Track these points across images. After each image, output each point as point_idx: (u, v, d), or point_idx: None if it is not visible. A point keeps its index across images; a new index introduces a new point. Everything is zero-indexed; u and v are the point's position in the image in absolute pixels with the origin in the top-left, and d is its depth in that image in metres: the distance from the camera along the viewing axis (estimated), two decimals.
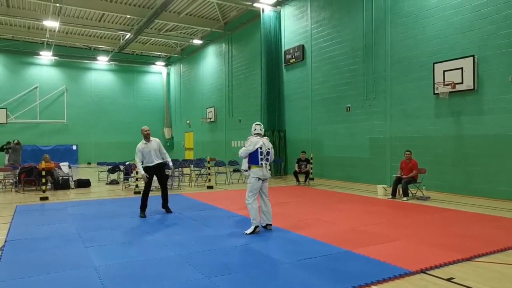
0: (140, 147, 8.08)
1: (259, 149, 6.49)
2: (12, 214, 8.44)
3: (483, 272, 4.49)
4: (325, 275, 4.39)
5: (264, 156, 6.53)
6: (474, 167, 10.27)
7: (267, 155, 6.59)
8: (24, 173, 12.85)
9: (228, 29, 22.09)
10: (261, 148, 6.51)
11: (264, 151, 6.54)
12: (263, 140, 6.61)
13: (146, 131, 8.23)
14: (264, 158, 6.52)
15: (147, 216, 8.06)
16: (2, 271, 4.64)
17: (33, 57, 26.33)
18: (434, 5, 11.13)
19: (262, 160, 6.50)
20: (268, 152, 6.63)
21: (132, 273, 4.55)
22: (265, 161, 6.54)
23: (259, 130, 6.75)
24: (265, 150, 6.56)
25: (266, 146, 6.61)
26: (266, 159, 6.55)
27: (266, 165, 6.54)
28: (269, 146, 6.68)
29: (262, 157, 6.49)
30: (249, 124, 20.85)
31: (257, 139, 6.59)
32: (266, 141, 6.68)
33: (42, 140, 26.66)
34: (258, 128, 6.77)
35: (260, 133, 6.74)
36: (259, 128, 6.77)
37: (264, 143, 6.60)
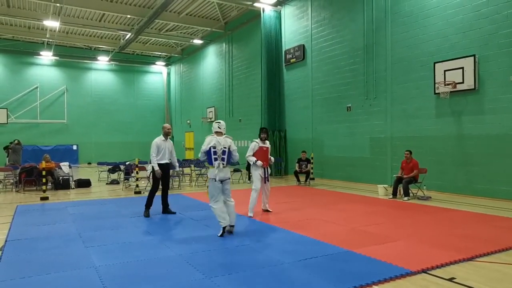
0: (158, 142, 7.99)
1: (212, 149, 6.18)
2: (13, 214, 8.43)
3: (484, 272, 4.48)
4: (326, 275, 4.37)
5: (219, 156, 6.19)
6: (475, 167, 10.25)
7: (222, 155, 6.22)
8: (25, 173, 12.85)
9: (228, 29, 22.09)
10: (214, 147, 6.19)
11: (218, 151, 6.20)
12: (218, 139, 6.26)
13: (168, 128, 8.21)
14: (219, 158, 6.19)
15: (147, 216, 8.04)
16: (3, 271, 4.63)
17: (33, 57, 26.34)
18: (435, 4, 11.11)
19: (217, 160, 6.18)
20: (224, 151, 6.23)
21: (132, 273, 4.54)
22: (221, 161, 6.20)
23: (217, 128, 6.40)
24: (220, 149, 6.21)
25: (222, 145, 6.23)
26: (221, 159, 6.21)
27: (222, 165, 6.20)
28: (226, 144, 6.26)
29: (216, 157, 6.17)
30: (250, 124, 20.84)
31: (212, 138, 6.29)
32: (223, 140, 6.30)
33: (43, 140, 26.66)
34: (216, 126, 6.41)
35: (219, 131, 6.39)
36: (217, 126, 6.41)
37: (220, 141, 6.24)
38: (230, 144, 6.34)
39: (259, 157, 8.07)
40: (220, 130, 6.40)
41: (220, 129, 6.40)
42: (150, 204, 8.13)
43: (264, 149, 8.17)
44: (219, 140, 6.27)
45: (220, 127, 6.43)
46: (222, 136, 6.36)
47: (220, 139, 6.29)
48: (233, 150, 6.38)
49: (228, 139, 6.37)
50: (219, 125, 6.43)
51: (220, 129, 6.40)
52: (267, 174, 8.16)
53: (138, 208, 8.71)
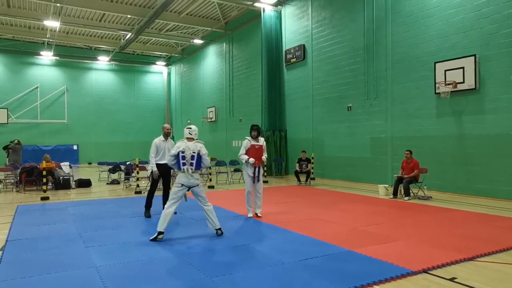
0: (158, 142, 7.93)
1: (180, 153, 6.11)
2: (13, 214, 8.43)
3: (485, 272, 4.47)
4: (327, 275, 4.37)
5: (188, 160, 6.10)
6: (476, 167, 10.25)
7: (191, 159, 6.10)
8: (25, 173, 12.85)
9: (228, 29, 22.08)
10: (183, 152, 6.11)
11: (187, 155, 6.11)
12: (188, 144, 6.21)
13: (168, 129, 8.11)
14: (187, 163, 6.10)
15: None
16: (3, 271, 4.63)
17: (33, 57, 26.35)
18: (435, 4, 11.10)
19: (185, 165, 6.10)
20: (193, 156, 6.13)
21: (133, 273, 4.54)
22: (189, 166, 6.10)
23: (187, 134, 6.36)
24: (189, 154, 6.12)
25: (191, 150, 6.15)
26: (190, 164, 6.10)
27: (190, 170, 6.09)
28: (195, 149, 6.17)
29: (184, 162, 6.09)
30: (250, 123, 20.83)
31: (181, 143, 6.24)
32: (193, 145, 6.21)
33: (43, 140, 26.67)
34: (187, 132, 6.38)
35: (190, 137, 6.33)
36: (188, 132, 6.37)
37: (189, 146, 6.17)
38: (200, 149, 6.22)
39: (251, 155, 7.83)
40: (191, 136, 6.34)
41: (191, 135, 6.35)
42: (149, 205, 8.11)
43: (257, 147, 7.88)
44: (189, 145, 6.21)
45: (191, 132, 6.37)
46: (192, 142, 6.28)
47: (189, 144, 6.23)
48: (203, 155, 6.25)
49: (198, 144, 6.29)
50: (190, 131, 6.38)
51: (191, 135, 6.35)
52: (258, 173, 7.85)
53: (139, 208, 8.71)
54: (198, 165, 6.20)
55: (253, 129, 7.99)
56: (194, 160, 6.13)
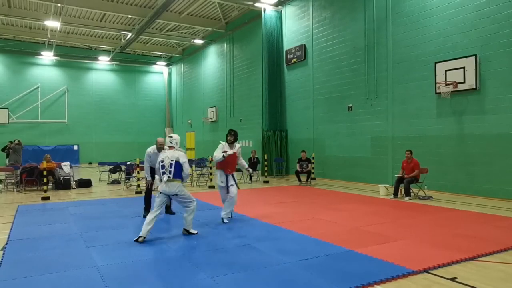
0: (150, 152, 7.84)
1: (160, 162, 6.14)
2: (14, 214, 8.44)
3: (486, 272, 4.47)
4: (328, 275, 4.37)
5: (167, 169, 6.06)
6: (477, 167, 10.24)
7: (169, 168, 6.05)
8: (26, 173, 12.86)
9: (229, 29, 22.09)
10: (162, 161, 6.13)
11: (166, 164, 6.08)
12: (167, 153, 6.20)
13: (161, 143, 7.77)
14: (166, 172, 6.05)
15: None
16: (5, 271, 4.64)
17: (34, 57, 26.36)
18: (436, 4, 11.10)
19: (164, 174, 6.06)
20: (171, 164, 6.08)
21: (134, 273, 4.54)
22: (168, 174, 6.04)
23: (168, 143, 6.38)
24: (168, 162, 6.09)
25: (169, 158, 6.12)
26: (169, 172, 6.05)
27: (167, 178, 6.03)
28: (173, 157, 6.12)
29: (164, 171, 6.07)
30: (251, 124, 20.80)
31: (162, 153, 6.30)
32: (171, 153, 6.18)
33: (43, 140, 26.69)
34: (168, 141, 6.41)
35: (171, 146, 6.32)
36: (169, 141, 6.37)
37: (168, 155, 6.15)
38: (179, 157, 6.17)
39: (224, 163, 7.39)
40: (171, 144, 6.34)
41: (171, 144, 6.35)
42: (148, 206, 7.99)
43: (231, 153, 7.47)
44: (168, 154, 6.20)
45: (171, 141, 6.37)
46: (172, 150, 6.28)
47: (169, 152, 6.22)
48: (183, 163, 6.19)
49: (178, 152, 6.24)
50: (171, 139, 6.39)
51: (171, 144, 6.35)
52: (231, 182, 7.43)
53: (139, 208, 8.70)
54: (177, 173, 6.11)
55: (231, 134, 7.65)
56: (172, 168, 6.08)
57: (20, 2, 19.34)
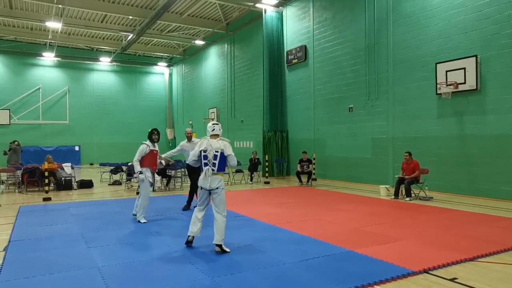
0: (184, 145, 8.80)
1: (202, 152, 5.55)
2: (16, 215, 8.46)
3: (486, 272, 4.48)
4: (328, 275, 4.38)
5: (210, 160, 5.51)
6: (477, 167, 10.24)
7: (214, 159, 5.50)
8: (27, 174, 12.89)
9: (230, 30, 22.11)
10: (205, 151, 5.52)
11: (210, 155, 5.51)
12: (211, 142, 5.57)
13: (188, 133, 9.14)
14: (210, 163, 5.49)
15: (149, 216, 8.05)
16: (6, 271, 4.66)
17: (35, 58, 26.42)
18: (437, 5, 11.11)
19: (207, 165, 5.49)
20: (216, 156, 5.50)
21: (135, 273, 4.56)
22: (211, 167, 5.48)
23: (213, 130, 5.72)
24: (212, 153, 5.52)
25: (214, 149, 5.51)
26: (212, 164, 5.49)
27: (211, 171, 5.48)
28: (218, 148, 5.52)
29: (206, 162, 5.49)
30: (252, 124, 20.79)
31: (203, 141, 5.65)
32: (217, 143, 5.57)
33: (45, 141, 26.72)
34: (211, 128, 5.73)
35: (214, 134, 5.69)
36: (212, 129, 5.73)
37: (212, 145, 5.54)
38: (224, 148, 5.53)
39: (148, 161, 7.75)
40: (216, 133, 5.66)
41: (215, 132, 5.66)
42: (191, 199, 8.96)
43: (155, 152, 7.89)
44: (212, 143, 5.54)
45: (215, 128, 5.69)
46: (216, 139, 5.60)
47: (213, 142, 5.56)
48: (229, 155, 5.54)
49: (223, 142, 5.60)
50: (216, 127, 5.71)
51: (215, 132, 5.66)
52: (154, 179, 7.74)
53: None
54: (221, 166, 5.51)
55: (154, 133, 7.95)
56: (217, 160, 5.46)
57: (22, 4, 19.39)
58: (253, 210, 8.68)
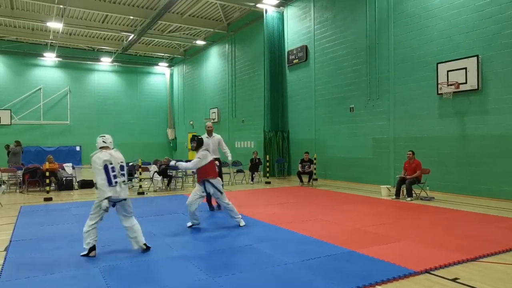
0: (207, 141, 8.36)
1: (109, 165, 5.34)
2: (17, 215, 8.47)
3: (488, 273, 4.47)
4: (329, 276, 4.38)
5: (118, 172, 5.43)
6: (479, 168, 10.23)
7: (121, 170, 5.48)
8: (28, 174, 12.91)
9: (231, 30, 22.12)
10: (111, 163, 5.35)
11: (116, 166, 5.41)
12: (112, 153, 5.48)
13: (209, 127, 9.00)
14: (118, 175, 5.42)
15: (150, 216, 8.06)
16: (8, 271, 4.66)
17: (37, 59, 26.44)
18: (438, 5, 11.10)
19: (116, 177, 5.40)
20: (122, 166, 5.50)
21: (136, 273, 4.56)
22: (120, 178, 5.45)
23: (101, 143, 5.58)
24: (118, 164, 5.45)
25: (118, 160, 5.46)
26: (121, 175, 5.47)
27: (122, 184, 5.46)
28: (121, 159, 5.54)
29: (115, 174, 5.38)
30: (253, 124, 20.80)
31: (103, 154, 5.43)
32: (116, 154, 5.53)
33: (46, 141, 26.74)
34: (100, 141, 5.62)
35: (105, 146, 5.57)
36: (102, 141, 5.62)
37: (114, 155, 5.46)
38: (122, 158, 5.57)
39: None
40: (106, 144, 5.55)
41: (106, 143, 5.56)
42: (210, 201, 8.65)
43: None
44: (113, 154, 5.45)
45: (106, 141, 5.59)
46: (112, 151, 5.52)
47: (113, 152, 5.48)
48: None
49: (119, 153, 5.59)
50: (105, 139, 5.60)
51: (106, 143, 5.56)
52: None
53: (141, 209, 8.75)
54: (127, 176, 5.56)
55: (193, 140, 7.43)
56: (125, 170, 5.49)
57: (23, 4, 19.41)
58: (254, 210, 8.67)
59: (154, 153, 26.83)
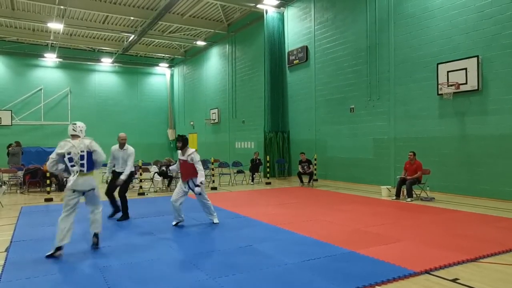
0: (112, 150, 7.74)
1: (66, 155, 5.32)
2: (17, 215, 8.48)
3: (488, 273, 4.47)
4: (329, 276, 4.39)
5: (77, 162, 5.35)
6: (479, 168, 10.23)
7: (81, 160, 5.35)
8: (29, 174, 12.92)
9: (231, 31, 22.14)
10: (69, 153, 5.30)
11: (75, 156, 5.33)
12: (74, 142, 5.40)
13: (122, 138, 7.96)
14: (77, 165, 5.35)
15: (150, 217, 8.06)
16: (8, 272, 4.67)
17: (37, 59, 26.46)
18: (438, 5, 11.10)
19: (74, 166, 5.33)
20: (82, 156, 5.36)
21: (137, 273, 4.57)
22: (79, 167, 5.37)
23: (71, 131, 5.53)
24: (78, 153, 5.36)
25: (78, 149, 5.36)
26: (80, 165, 5.36)
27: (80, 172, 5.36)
28: (83, 148, 5.41)
29: (73, 164, 5.33)
30: (253, 125, 20.77)
31: (64, 143, 5.40)
32: (79, 142, 5.43)
33: (46, 141, 26.67)
34: (70, 129, 5.56)
35: (75, 134, 5.51)
36: (72, 129, 5.55)
37: (75, 145, 5.37)
38: (89, 145, 5.43)
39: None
40: (75, 132, 5.46)
41: (75, 131, 5.46)
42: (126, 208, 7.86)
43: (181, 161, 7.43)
44: (75, 143, 5.34)
45: (75, 129, 5.47)
46: (78, 139, 5.42)
47: (75, 142, 5.36)
48: (94, 151, 5.45)
49: (86, 141, 5.47)
50: (74, 127, 5.49)
51: (75, 131, 5.46)
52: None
53: (142, 210, 8.75)
54: (90, 165, 5.42)
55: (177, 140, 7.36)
56: (85, 160, 5.33)
57: (24, 5, 19.44)
58: (254, 210, 8.68)
59: (154, 153, 26.84)
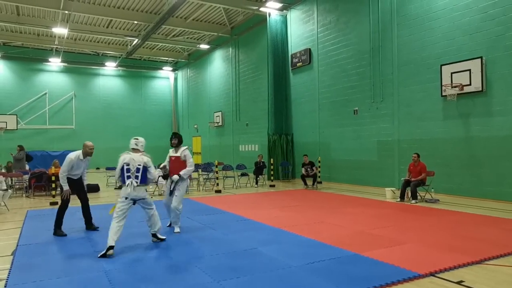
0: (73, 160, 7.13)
1: (125, 166, 5.86)
2: (23, 219, 8.54)
3: (493, 275, 4.46)
4: (333, 278, 4.38)
5: (133, 173, 5.83)
6: (483, 169, 10.19)
7: (136, 172, 5.84)
8: (34, 178, 12.99)
9: (235, 34, 22.20)
10: (128, 164, 5.85)
11: (132, 168, 5.84)
12: (133, 156, 5.95)
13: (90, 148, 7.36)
14: (132, 176, 5.82)
15: None
16: (15, 275, 4.70)
17: (42, 64, 26.66)
18: (441, 7, 11.09)
19: (130, 178, 5.81)
20: (138, 168, 5.87)
21: (141, 276, 4.59)
22: (134, 179, 5.81)
23: (133, 145, 6.12)
24: (135, 166, 5.87)
25: (137, 162, 5.89)
26: (135, 177, 5.83)
27: (135, 184, 5.79)
28: (141, 162, 5.91)
29: (129, 175, 5.82)
30: (257, 128, 20.75)
31: (126, 155, 6.03)
32: (139, 157, 5.96)
33: (51, 145, 26.90)
34: (133, 143, 6.15)
35: (136, 148, 6.10)
36: (134, 143, 6.14)
37: (134, 158, 5.91)
38: (147, 162, 5.96)
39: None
40: (137, 147, 6.09)
41: (137, 146, 6.10)
42: (60, 223, 7.16)
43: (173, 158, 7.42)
44: (134, 157, 5.93)
45: (137, 143, 6.13)
46: (138, 154, 6.01)
47: (135, 156, 5.95)
48: (149, 168, 5.97)
49: (145, 157, 6.01)
50: (137, 142, 6.13)
51: (137, 146, 6.10)
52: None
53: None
54: (143, 179, 5.91)
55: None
56: (140, 173, 5.85)
57: (29, 10, 19.61)
58: (258, 213, 8.68)
59: (159, 157, 26.88)
